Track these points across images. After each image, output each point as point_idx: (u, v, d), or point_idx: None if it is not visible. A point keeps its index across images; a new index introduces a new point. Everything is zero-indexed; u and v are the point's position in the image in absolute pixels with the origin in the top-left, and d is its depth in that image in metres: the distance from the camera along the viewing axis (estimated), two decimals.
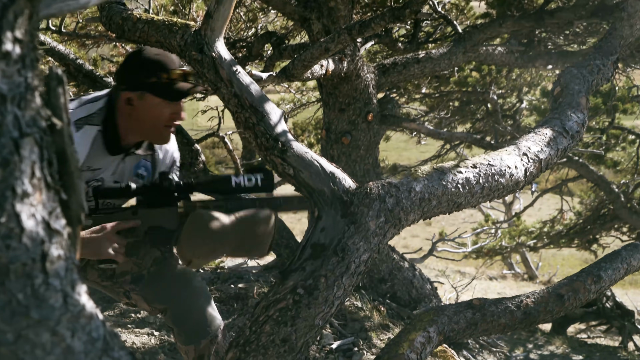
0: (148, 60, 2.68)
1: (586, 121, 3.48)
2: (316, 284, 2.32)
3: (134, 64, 2.71)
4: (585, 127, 3.49)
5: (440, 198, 2.57)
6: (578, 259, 17.54)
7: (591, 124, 8.22)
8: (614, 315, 8.42)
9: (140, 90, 2.69)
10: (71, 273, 1.06)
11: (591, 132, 8.30)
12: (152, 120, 2.73)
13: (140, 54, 2.71)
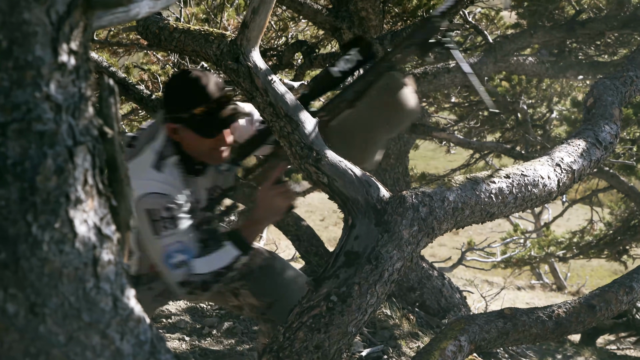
0: (183, 93, 2.69)
1: (619, 132, 3.47)
2: (350, 291, 2.33)
3: (172, 96, 2.73)
4: (618, 138, 3.48)
5: (473, 208, 2.58)
6: (607, 270, 17.39)
7: (622, 135, 8.17)
8: None
9: (180, 124, 2.70)
10: (121, 277, 1.09)
11: (622, 143, 8.25)
12: (198, 150, 2.76)
13: (177, 84, 2.73)
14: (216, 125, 2.73)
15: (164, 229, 2.63)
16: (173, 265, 2.64)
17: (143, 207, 2.62)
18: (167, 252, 2.64)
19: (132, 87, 4.50)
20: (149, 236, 2.65)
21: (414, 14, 5.78)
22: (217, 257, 2.72)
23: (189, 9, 6.08)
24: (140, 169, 2.70)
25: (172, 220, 2.65)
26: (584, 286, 15.63)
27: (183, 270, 2.65)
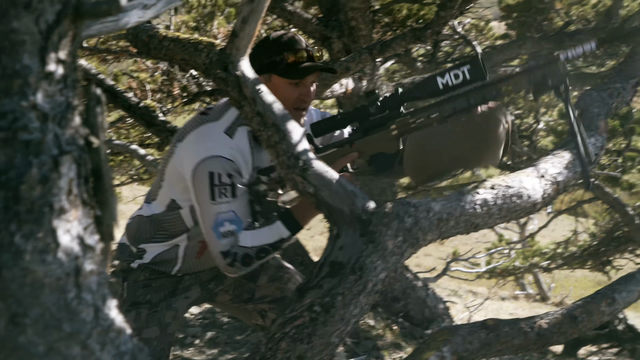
0: (273, 42, 2.75)
1: (605, 144, 3.49)
2: (333, 301, 2.33)
3: (260, 49, 2.79)
4: (604, 150, 3.50)
5: (458, 218, 2.59)
6: (591, 281, 17.45)
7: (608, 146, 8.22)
8: (626, 337, 8.38)
9: (267, 73, 2.76)
10: (103, 288, 1.09)
11: (607, 154, 8.30)
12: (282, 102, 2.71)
13: (266, 39, 2.80)
14: (305, 68, 2.77)
15: (221, 196, 2.64)
16: (221, 233, 2.65)
17: (206, 169, 2.64)
18: (218, 219, 2.64)
19: (120, 94, 4.50)
20: (205, 199, 2.65)
21: (403, 23, 5.81)
22: (265, 232, 2.73)
23: (179, 16, 6.09)
24: (212, 133, 2.74)
25: (232, 188, 2.66)
26: (567, 297, 15.70)
27: (229, 240, 2.66)
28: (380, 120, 2.74)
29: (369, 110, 2.73)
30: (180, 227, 2.87)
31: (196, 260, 2.94)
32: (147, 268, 2.91)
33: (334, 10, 4.62)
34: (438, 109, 2.66)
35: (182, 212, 2.84)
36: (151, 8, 1.15)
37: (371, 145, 2.76)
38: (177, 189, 2.80)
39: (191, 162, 2.68)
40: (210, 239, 2.68)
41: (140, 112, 4.44)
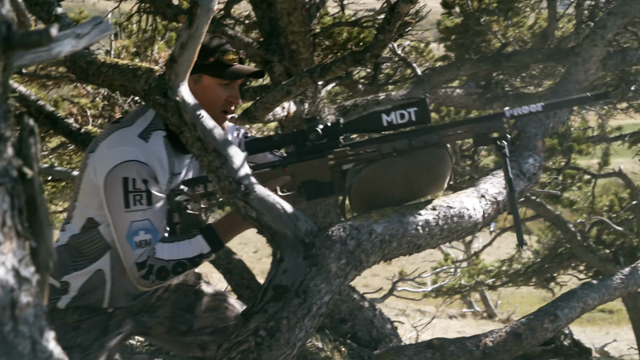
0: (204, 43, 2.66)
1: (542, 163, 3.56)
2: (278, 325, 2.34)
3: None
4: (542, 169, 3.57)
5: (400, 240, 2.61)
6: (536, 297, 17.68)
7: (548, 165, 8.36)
8: (571, 353, 8.45)
9: (198, 73, 2.71)
10: (40, 320, 1.08)
11: (548, 172, 8.44)
12: (209, 104, 2.70)
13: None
14: (239, 70, 2.77)
15: (136, 203, 2.56)
16: (135, 243, 2.55)
17: (120, 174, 2.55)
18: (132, 228, 2.55)
19: (60, 120, 4.45)
20: (119, 207, 2.55)
21: (344, 46, 5.85)
22: (184, 246, 2.64)
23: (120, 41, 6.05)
24: (125, 137, 2.65)
25: (147, 195, 2.58)
26: (514, 313, 15.88)
27: (144, 251, 2.57)
28: (317, 147, 2.74)
29: (307, 135, 2.73)
30: (100, 247, 2.73)
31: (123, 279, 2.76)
32: (77, 308, 2.75)
33: (275, 34, 4.64)
34: (378, 146, 2.69)
35: (101, 228, 2.70)
36: (84, 37, 1.15)
37: (305, 171, 2.75)
38: (93, 204, 2.68)
39: (104, 168, 2.58)
40: (124, 249, 2.58)
41: (81, 138, 4.38)
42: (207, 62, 2.71)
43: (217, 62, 2.73)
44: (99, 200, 2.64)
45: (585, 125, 8.52)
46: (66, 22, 2.98)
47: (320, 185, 2.76)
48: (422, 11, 5.41)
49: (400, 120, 2.64)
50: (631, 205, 8.94)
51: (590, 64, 4.36)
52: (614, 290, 3.85)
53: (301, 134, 2.74)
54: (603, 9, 5.53)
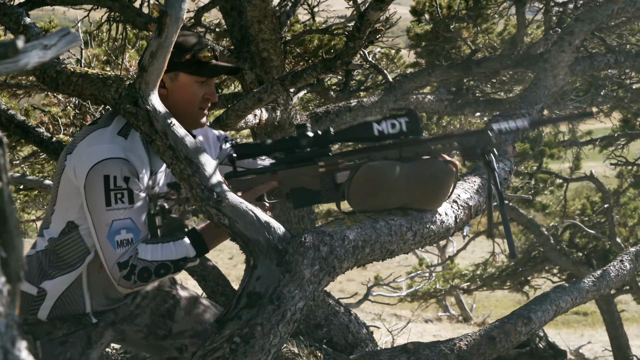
0: (178, 42, 2.64)
1: (513, 168, 3.61)
2: (252, 332, 2.34)
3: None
4: (513, 174, 3.61)
5: (373, 245, 2.63)
6: (511, 300, 17.79)
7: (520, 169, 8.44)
8: (546, 355, 8.53)
9: (174, 71, 2.68)
10: (11, 329, 1.08)
11: (520, 177, 8.51)
12: (186, 102, 2.71)
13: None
14: (216, 66, 2.75)
15: (117, 201, 2.51)
16: (117, 242, 2.51)
17: (101, 172, 2.51)
18: (114, 227, 2.51)
19: (32, 129, 4.42)
20: (99, 206, 2.50)
21: (315, 54, 5.88)
22: (168, 248, 2.60)
23: (90, 50, 6.03)
24: (104, 136, 2.62)
25: (129, 193, 2.54)
26: (489, 317, 15.96)
27: (126, 250, 2.53)
28: (307, 154, 2.74)
29: (298, 142, 2.72)
30: (80, 251, 2.68)
31: (100, 276, 2.72)
32: (62, 321, 2.70)
33: (245, 42, 4.65)
34: (368, 155, 2.70)
35: (81, 230, 2.66)
36: (51, 48, 1.15)
37: (294, 178, 2.75)
38: (73, 207, 2.63)
39: (85, 167, 2.53)
40: (105, 249, 2.53)
41: (53, 147, 4.35)
42: (183, 59, 2.69)
43: (193, 59, 2.70)
44: (79, 201, 2.60)
45: (556, 130, 8.61)
46: (35, 32, 2.97)
47: (309, 193, 2.77)
48: (392, 18, 5.44)
49: (392, 130, 2.66)
50: (603, 208, 9.05)
51: (559, 69, 4.41)
52: (586, 292, 3.88)
53: (291, 141, 2.73)
54: (571, 16, 5.60)
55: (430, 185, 2.69)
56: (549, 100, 4.51)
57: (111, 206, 2.51)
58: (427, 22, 6.54)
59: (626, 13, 4.72)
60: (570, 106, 6.46)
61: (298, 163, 2.74)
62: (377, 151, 2.71)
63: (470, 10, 6.12)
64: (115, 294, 2.80)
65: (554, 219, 9.95)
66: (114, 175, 2.52)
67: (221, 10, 4.93)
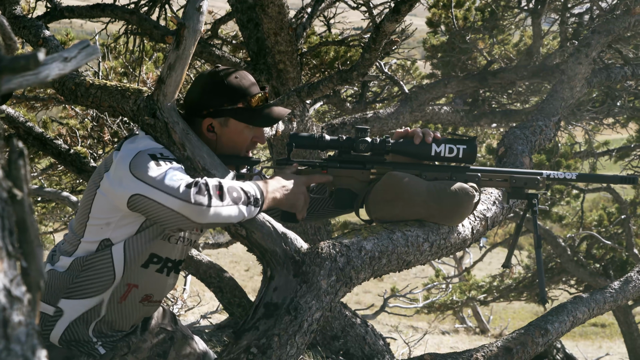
0: (230, 87, 2.62)
1: None
2: (269, 343, 2.34)
3: (214, 93, 2.64)
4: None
5: (390, 256, 2.63)
6: (528, 312, 17.71)
7: None
8: None
9: (225, 117, 2.64)
10: (32, 338, 1.09)
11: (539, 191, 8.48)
12: (234, 147, 2.68)
13: (220, 79, 2.64)
14: (271, 116, 2.70)
15: (166, 162, 2.40)
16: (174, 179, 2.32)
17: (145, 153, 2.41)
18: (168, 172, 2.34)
19: (49, 141, 4.45)
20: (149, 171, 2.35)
21: (331, 65, 5.89)
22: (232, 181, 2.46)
23: (107, 62, 6.07)
24: (140, 140, 2.53)
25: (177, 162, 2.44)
26: (506, 328, 15.87)
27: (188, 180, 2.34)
28: (361, 158, 2.77)
29: (355, 145, 2.74)
30: (107, 276, 2.58)
31: (119, 307, 2.65)
32: (69, 346, 2.61)
33: (262, 54, 4.68)
34: (421, 172, 2.74)
35: (115, 249, 2.56)
36: (71, 60, 1.17)
37: (343, 178, 2.77)
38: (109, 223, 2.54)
39: (127, 158, 2.42)
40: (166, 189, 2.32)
41: (70, 159, 4.37)
42: (236, 107, 2.64)
43: (248, 107, 2.66)
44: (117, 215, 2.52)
45: (573, 140, 8.58)
46: (54, 44, 3.00)
47: (352, 196, 2.79)
48: (408, 30, 5.45)
49: (448, 154, 2.72)
50: (620, 219, 9.00)
51: (576, 81, 4.40)
52: (603, 303, 3.86)
53: (349, 142, 2.75)
54: (587, 27, 5.59)
55: (449, 204, 2.70)
56: (566, 111, 4.50)
57: (162, 166, 2.38)
58: (443, 34, 6.55)
59: None
60: (587, 117, 6.45)
61: (351, 164, 2.77)
62: (430, 170, 2.76)
63: (486, 22, 6.13)
64: (123, 324, 2.73)
65: (570, 230, 9.89)
66: (160, 152, 2.45)
67: (238, 23, 4.96)
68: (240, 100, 2.65)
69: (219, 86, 2.64)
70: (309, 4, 5.10)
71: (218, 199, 2.32)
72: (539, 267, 2.71)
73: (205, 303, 9.88)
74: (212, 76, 2.67)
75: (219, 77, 2.65)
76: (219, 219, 2.34)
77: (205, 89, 2.66)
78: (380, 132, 5.66)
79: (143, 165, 2.38)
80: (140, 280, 2.62)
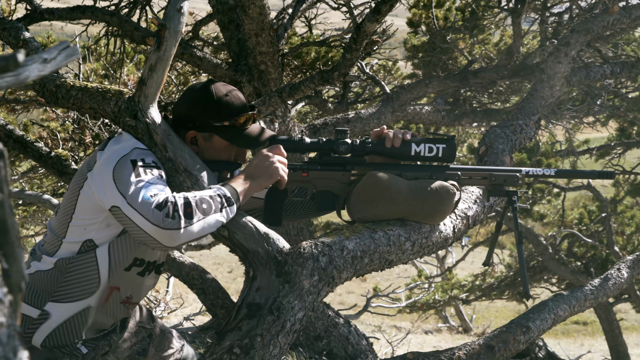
0: (218, 104, 2.61)
1: None
2: (252, 343, 2.35)
3: (202, 107, 2.62)
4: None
5: (372, 255, 2.64)
6: (511, 310, 17.78)
7: None
8: None
9: (209, 132, 2.64)
10: (13, 339, 1.09)
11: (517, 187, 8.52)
12: (216, 158, 2.68)
13: (211, 95, 2.62)
14: (256, 140, 2.72)
15: (146, 173, 2.38)
16: (149, 195, 2.31)
17: (128, 158, 2.41)
18: (144, 186, 2.34)
19: (30, 144, 4.43)
20: (129, 181, 2.35)
21: (312, 66, 5.90)
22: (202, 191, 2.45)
23: (88, 65, 6.05)
24: (123, 139, 2.53)
25: (158, 170, 2.43)
26: (488, 327, 15.92)
27: (161, 197, 2.32)
28: (341, 160, 2.79)
29: (335, 146, 2.75)
30: (92, 279, 2.55)
31: (102, 310, 2.63)
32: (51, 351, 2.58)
33: (243, 55, 4.67)
34: (401, 172, 2.76)
35: (99, 252, 2.53)
36: (51, 62, 1.17)
37: (324, 180, 2.79)
38: (93, 224, 2.52)
39: (113, 159, 2.43)
40: (140, 207, 2.32)
41: (51, 162, 4.35)
42: (222, 124, 2.64)
43: (234, 126, 2.66)
44: (101, 216, 2.50)
45: (553, 139, 8.63)
46: (34, 46, 2.99)
47: (333, 198, 2.80)
48: (389, 30, 5.46)
49: (428, 154, 2.75)
50: (600, 217, 9.06)
51: (556, 80, 4.44)
52: (584, 301, 3.90)
53: (329, 144, 2.76)
54: (566, 26, 5.63)
55: (430, 202, 2.72)
56: (546, 110, 4.53)
57: (141, 177, 2.38)
58: (424, 34, 6.57)
59: (621, 24, 4.75)
60: (567, 115, 6.49)
61: (332, 166, 2.78)
62: (411, 170, 2.78)
63: (467, 22, 6.16)
64: (103, 324, 2.71)
65: (552, 228, 9.97)
66: (142, 157, 2.45)
67: (219, 24, 4.96)
68: (227, 119, 2.64)
69: (209, 102, 2.63)
70: (290, 5, 5.10)
71: (187, 218, 2.32)
72: (521, 263, 2.73)
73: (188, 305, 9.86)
74: (203, 91, 2.66)
75: (209, 93, 2.64)
76: (192, 237, 2.36)
77: (195, 103, 2.65)
78: (362, 133, 5.68)
79: (124, 175, 2.38)
80: (121, 282, 2.62)
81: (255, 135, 2.73)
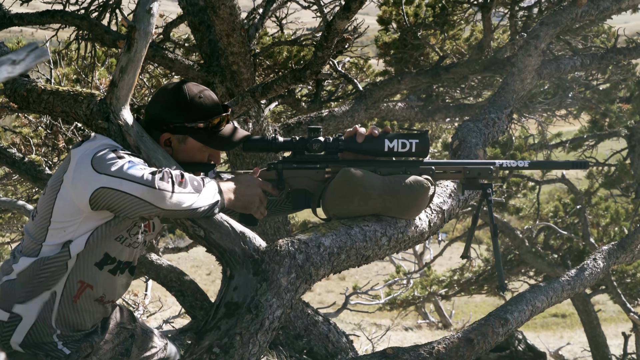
0: (191, 105, 2.61)
1: None
2: (232, 342, 2.35)
3: (177, 107, 2.63)
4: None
5: (348, 251, 2.65)
6: (490, 305, 17.89)
7: None
8: (526, 358, 8.59)
9: (183, 134, 2.64)
10: None
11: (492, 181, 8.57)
12: (190, 162, 2.68)
13: (184, 97, 2.62)
14: (225, 140, 2.72)
15: (125, 156, 2.38)
16: (138, 167, 2.35)
17: (105, 150, 2.39)
18: (129, 164, 2.35)
19: (3, 151, 4.40)
20: (110, 165, 2.35)
21: (284, 65, 5.90)
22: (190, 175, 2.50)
23: (60, 69, 6.02)
24: (98, 140, 2.51)
25: (134, 157, 2.43)
26: (468, 322, 16.00)
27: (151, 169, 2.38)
28: (315, 158, 2.80)
29: (308, 145, 2.76)
30: (60, 269, 2.55)
31: (74, 306, 2.62)
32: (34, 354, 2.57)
33: (215, 56, 4.67)
34: (375, 168, 2.77)
35: (72, 246, 2.52)
36: (20, 63, 1.17)
37: (299, 179, 2.80)
38: (71, 226, 2.51)
39: (87, 161, 2.40)
40: (128, 177, 2.34)
41: (25, 168, 4.33)
42: (196, 126, 2.64)
43: (207, 128, 2.67)
44: (79, 218, 2.50)
45: (526, 133, 8.69)
46: (4, 51, 2.97)
47: (309, 196, 2.82)
48: (360, 28, 5.48)
49: (401, 149, 2.76)
50: (575, 209, 9.14)
51: (526, 73, 4.47)
52: (561, 291, 3.93)
53: (302, 143, 2.77)
54: (536, 20, 5.67)
55: (405, 196, 2.73)
56: (518, 103, 4.56)
57: (125, 158, 2.38)
58: (395, 31, 6.60)
59: (590, 16, 4.79)
60: (540, 109, 6.54)
61: (306, 165, 2.79)
62: (384, 166, 2.79)
63: (437, 17, 6.19)
64: (82, 325, 2.70)
65: (528, 221, 10.03)
66: (118, 148, 2.44)
67: (190, 26, 4.95)
68: (200, 121, 2.64)
69: (182, 104, 2.63)
70: (260, 5, 5.10)
71: (180, 186, 2.38)
72: (497, 256, 2.75)
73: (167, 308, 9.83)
74: (175, 92, 2.65)
75: (182, 95, 2.64)
76: (181, 206, 2.40)
77: (167, 105, 2.64)
78: (336, 131, 5.69)
79: (105, 159, 2.38)
80: (94, 280, 2.60)
81: (229, 136, 2.73)
